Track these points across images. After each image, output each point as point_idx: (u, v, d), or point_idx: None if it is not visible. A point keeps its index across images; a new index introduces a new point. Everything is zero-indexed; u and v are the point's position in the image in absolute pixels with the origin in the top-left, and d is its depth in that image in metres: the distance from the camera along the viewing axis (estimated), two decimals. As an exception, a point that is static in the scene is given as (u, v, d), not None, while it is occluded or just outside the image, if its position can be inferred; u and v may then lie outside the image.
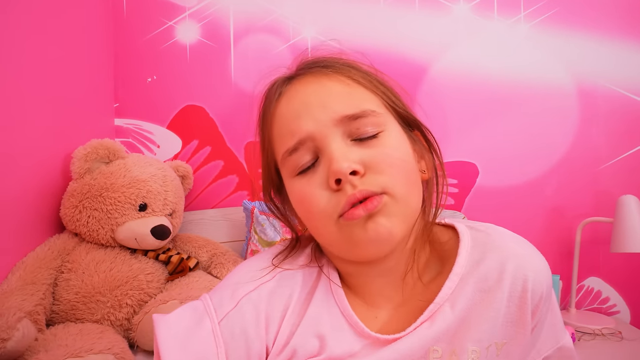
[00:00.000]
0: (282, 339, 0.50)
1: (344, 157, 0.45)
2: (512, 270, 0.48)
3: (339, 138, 0.47)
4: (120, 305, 1.18)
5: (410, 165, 0.49)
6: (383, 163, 0.46)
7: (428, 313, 0.48)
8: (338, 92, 0.48)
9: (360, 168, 0.45)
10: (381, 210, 0.45)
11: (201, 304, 0.51)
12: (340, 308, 0.51)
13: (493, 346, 0.48)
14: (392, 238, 0.46)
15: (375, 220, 0.44)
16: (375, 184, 0.45)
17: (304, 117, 0.48)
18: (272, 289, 0.51)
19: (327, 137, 0.46)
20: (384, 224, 0.45)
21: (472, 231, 0.52)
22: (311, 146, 0.48)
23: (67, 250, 1.25)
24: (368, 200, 0.44)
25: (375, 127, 0.47)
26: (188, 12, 1.63)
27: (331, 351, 0.49)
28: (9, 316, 0.94)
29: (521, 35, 1.66)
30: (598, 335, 1.40)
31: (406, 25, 1.66)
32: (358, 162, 0.45)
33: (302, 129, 0.48)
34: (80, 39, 1.45)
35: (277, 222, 1.46)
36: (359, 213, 0.44)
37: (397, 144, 0.48)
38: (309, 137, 0.47)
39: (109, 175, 1.28)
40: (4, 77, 1.10)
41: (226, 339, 0.48)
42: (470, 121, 1.66)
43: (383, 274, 0.52)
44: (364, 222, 0.45)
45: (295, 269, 0.53)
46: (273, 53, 1.64)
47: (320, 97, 0.48)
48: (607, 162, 1.65)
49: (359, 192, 0.44)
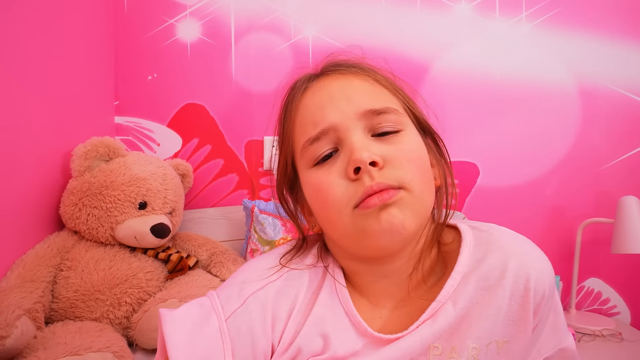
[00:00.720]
0: (288, 338, 0.50)
1: (365, 148, 0.46)
2: (514, 268, 0.48)
3: (361, 131, 0.48)
4: (119, 303, 1.18)
5: (427, 165, 0.50)
6: (402, 158, 0.47)
7: (430, 311, 0.49)
8: (363, 89, 0.50)
9: (379, 160, 0.46)
10: (396, 202, 0.45)
11: (208, 301, 0.52)
12: (345, 308, 0.51)
13: (493, 344, 0.48)
14: (404, 230, 0.46)
15: (389, 212, 0.45)
16: (393, 177, 0.46)
17: (328, 108, 0.49)
18: (279, 289, 0.52)
19: (349, 128, 0.48)
20: (397, 216, 0.45)
21: (474, 231, 0.53)
22: (333, 137, 0.49)
23: (66, 248, 1.25)
24: (384, 191, 0.45)
25: (396, 125, 0.49)
26: (189, 10, 1.62)
27: (334, 350, 0.49)
28: (8, 314, 0.94)
29: (523, 35, 1.65)
30: (598, 337, 1.40)
31: (407, 25, 1.66)
32: (378, 155, 0.46)
33: (325, 119, 0.49)
34: (81, 37, 1.45)
35: (277, 221, 1.46)
36: (374, 202, 0.45)
37: (416, 143, 0.50)
38: (332, 128, 0.48)
39: (109, 173, 1.28)
40: (4, 75, 1.10)
41: (232, 336, 0.49)
42: (471, 121, 1.65)
43: (389, 274, 0.52)
44: (378, 212, 0.45)
45: (301, 268, 0.54)
46: (274, 52, 1.64)
47: (346, 91, 0.50)
48: (608, 163, 1.65)
49: (377, 184, 0.45)
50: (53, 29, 1.30)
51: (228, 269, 1.36)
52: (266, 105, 1.28)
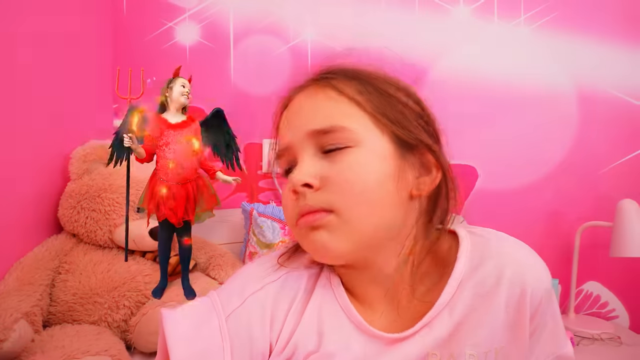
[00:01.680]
0: (285, 337, 0.51)
1: (301, 171, 0.48)
2: (510, 275, 0.48)
3: (312, 150, 0.49)
4: (117, 306, 1.18)
5: (374, 187, 0.47)
6: (339, 181, 0.47)
7: (427, 319, 0.49)
8: (319, 106, 0.50)
9: (314, 182, 0.47)
10: (323, 225, 0.47)
11: (209, 301, 0.53)
12: (342, 305, 0.52)
13: (492, 352, 0.48)
14: (330, 252, 0.48)
15: (316, 234, 0.47)
16: (324, 200, 0.47)
17: (287, 127, 0.52)
18: (278, 289, 0.53)
19: (300, 149, 0.50)
20: (322, 239, 0.47)
21: (472, 236, 0.53)
22: (291, 154, 0.51)
23: (64, 251, 1.24)
24: (311, 214, 0.47)
25: (344, 142, 0.47)
26: (188, 14, 1.63)
27: (329, 347, 0.50)
28: (6, 317, 0.94)
29: (521, 38, 1.66)
30: (597, 340, 1.40)
31: (406, 28, 1.66)
32: (314, 177, 0.47)
33: (285, 138, 0.52)
34: (80, 40, 1.45)
35: (276, 224, 1.46)
36: (303, 222, 0.48)
37: (363, 163, 0.47)
38: (288, 147, 0.51)
39: (108, 176, 1.28)
40: (3, 78, 1.10)
41: (232, 335, 0.49)
42: (470, 124, 1.65)
43: (375, 280, 0.52)
44: (307, 233, 0.48)
45: (299, 270, 0.55)
46: (273, 55, 1.64)
47: (304, 108, 0.51)
48: (607, 166, 1.65)
49: (306, 206, 0.47)
50: (52, 32, 1.30)
51: (226, 272, 1.36)
52: (265, 108, 1.28)
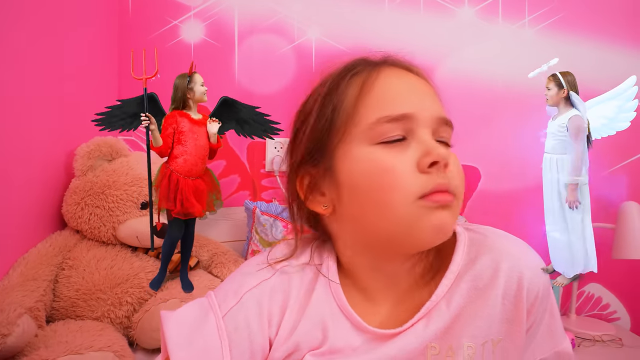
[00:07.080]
0: (284, 333, 0.52)
1: (439, 147, 0.47)
2: (507, 269, 0.49)
3: (430, 132, 0.49)
4: (120, 303, 1.18)
5: None
6: (458, 170, 0.49)
7: (424, 310, 0.50)
8: (435, 97, 0.52)
9: (450, 164, 0.48)
10: (450, 207, 0.47)
11: (206, 301, 0.54)
12: (339, 304, 0.52)
13: (489, 343, 0.49)
14: (448, 234, 0.48)
15: (444, 213, 0.46)
16: (454, 184, 0.47)
17: (412, 97, 0.50)
18: (273, 286, 0.53)
19: (425, 124, 0.49)
20: (447, 219, 0.47)
21: (469, 232, 0.54)
22: (406, 125, 0.48)
23: (68, 247, 1.25)
24: (447, 193, 0.46)
25: (449, 139, 0.52)
26: (193, 12, 1.63)
27: (333, 343, 0.51)
28: (10, 312, 0.94)
29: (526, 40, 1.66)
30: (598, 342, 1.40)
31: (410, 28, 1.66)
32: None
33: (409, 106, 0.48)
34: (85, 37, 1.46)
35: (278, 222, 1.46)
36: (438, 199, 0.46)
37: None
38: (410, 117, 0.48)
39: (112, 173, 1.28)
40: (9, 75, 1.10)
41: (230, 333, 0.50)
42: (474, 125, 1.65)
43: (390, 273, 0.53)
44: (435, 210, 0.46)
45: (295, 267, 0.55)
46: (277, 53, 1.65)
47: (425, 90, 0.51)
48: (610, 168, 1.64)
49: (446, 185, 0.46)
50: (58, 30, 1.31)
51: (229, 270, 1.36)
52: (269, 107, 1.29)
